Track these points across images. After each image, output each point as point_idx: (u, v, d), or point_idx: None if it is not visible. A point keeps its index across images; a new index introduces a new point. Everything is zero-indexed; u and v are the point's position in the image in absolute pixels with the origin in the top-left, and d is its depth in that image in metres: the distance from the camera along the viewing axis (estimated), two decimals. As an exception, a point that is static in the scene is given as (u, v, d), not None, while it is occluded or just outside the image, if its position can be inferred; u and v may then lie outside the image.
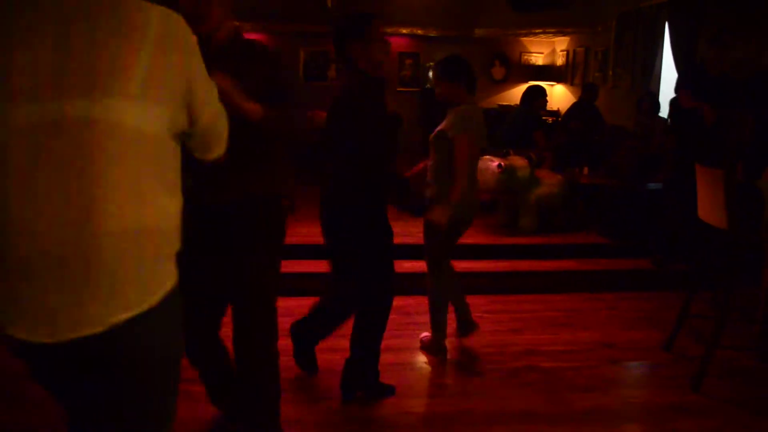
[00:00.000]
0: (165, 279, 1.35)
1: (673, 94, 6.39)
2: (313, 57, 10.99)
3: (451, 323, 3.72)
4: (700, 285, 3.76)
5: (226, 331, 2.55)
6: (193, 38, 1.40)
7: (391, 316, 4.13)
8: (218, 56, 2.11)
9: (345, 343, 3.70)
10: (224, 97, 1.69)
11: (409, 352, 3.67)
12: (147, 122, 1.26)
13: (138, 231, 1.26)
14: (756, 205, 3.23)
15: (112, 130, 1.21)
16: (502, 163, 5.75)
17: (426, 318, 4.18)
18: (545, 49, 11.39)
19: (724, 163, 3.35)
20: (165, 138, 1.33)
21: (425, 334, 3.69)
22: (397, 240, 5.44)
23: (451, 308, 3.66)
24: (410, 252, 5.26)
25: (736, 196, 3.15)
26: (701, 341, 3.63)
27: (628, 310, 4.47)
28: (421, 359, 3.62)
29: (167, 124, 1.32)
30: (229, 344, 2.55)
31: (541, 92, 6.15)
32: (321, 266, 4.86)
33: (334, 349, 3.63)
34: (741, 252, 3.27)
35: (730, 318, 3.41)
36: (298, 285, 4.65)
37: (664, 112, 6.94)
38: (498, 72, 11.32)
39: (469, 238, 5.64)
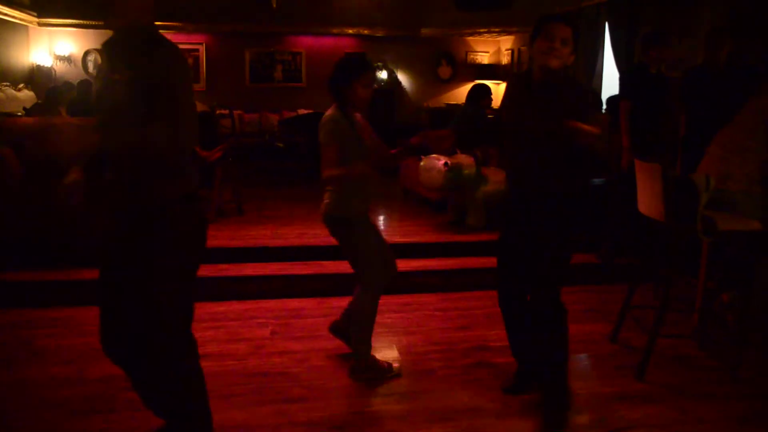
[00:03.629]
0: None
1: (613, 92, 6.56)
2: (259, 58, 10.87)
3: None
4: (642, 277, 3.86)
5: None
6: None
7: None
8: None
9: (294, 346, 3.68)
10: None
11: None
12: None
13: None
14: (691, 198, 3.33)
15: None
16: (449, 162, 5.80)
17: (376, 318, 4.18)
18: (490, 48, 11.55)
19: (661, 157, 3.44)
20: None
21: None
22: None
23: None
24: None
25: (672, 190, 3.24)
26: (644, 331, 3.73)
27: (575, 303, 4.54)
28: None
29: None
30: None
31: (486, 91, 6.22)
32: (269, 269, 4.85)
33: (283, 352, 3.61)
34: (678, 243, 3.37)
35: (671, 308, 3.51)
36: (247, 288, 4.60)
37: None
38: (444, 71, 11.43)
39: (417, 237, 5.70)
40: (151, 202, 2.20)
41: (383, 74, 11.10)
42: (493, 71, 11.22)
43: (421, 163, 6.35)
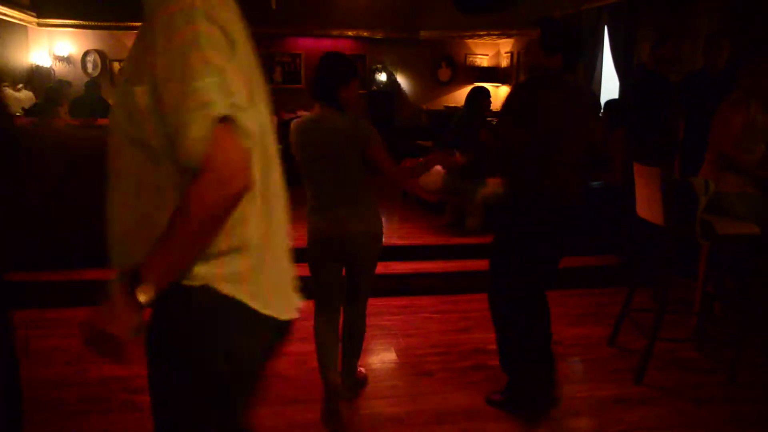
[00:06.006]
0: None
1: (611, 95, 6.56)
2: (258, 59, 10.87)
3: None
4: (640, 280, 3.86)
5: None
6: None
7: (339, 319, 4.13)
8: None
9: (292, 348, 3.67)
10: None
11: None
12: None
13: None
14: (690, 202, 3.33)
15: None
16: (449, 164, 5.79)
17: (375, 320, 4.18)
18: (490, 50, 11.55)
19: (660, 161, 3.45)
20: None
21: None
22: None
23: None
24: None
25: (671, 193, 3.24)
26: (643, 334, 3.73)
27: (574, 306, 4.56)
28: (371, 361, 3.61)
29: None
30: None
31: (485, 93, 6.22)
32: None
33: (281, 354, 3.59)
34: (676, 247, 3.37)
35: (669, 311, 3.51)
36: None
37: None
38: (444, 73, 11.42)
39: (416, 239, 5.70)
40: None
41: (383, 76, 11.10)
42: (492, 74, 11.22)
43: (420, 165, 6.34)
